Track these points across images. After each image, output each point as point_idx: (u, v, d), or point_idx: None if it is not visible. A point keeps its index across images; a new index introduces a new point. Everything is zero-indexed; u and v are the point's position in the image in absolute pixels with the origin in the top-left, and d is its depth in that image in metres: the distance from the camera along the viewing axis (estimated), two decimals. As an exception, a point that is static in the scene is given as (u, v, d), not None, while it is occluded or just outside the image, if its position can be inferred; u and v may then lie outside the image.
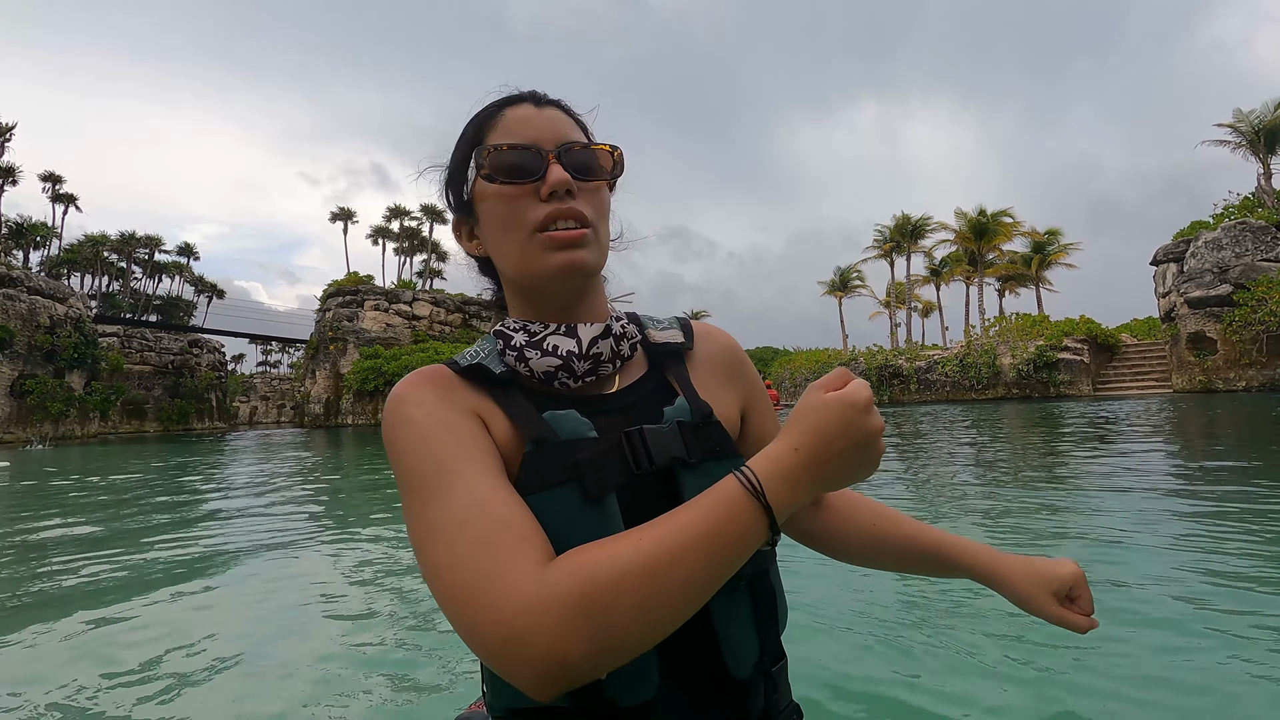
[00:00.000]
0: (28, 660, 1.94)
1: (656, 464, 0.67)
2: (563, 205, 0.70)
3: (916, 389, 30.00)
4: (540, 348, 0.73)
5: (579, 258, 0.71)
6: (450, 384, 0.71)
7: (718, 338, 0.88)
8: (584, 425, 0.69)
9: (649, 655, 0.62)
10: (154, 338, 36.94)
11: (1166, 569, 2.35)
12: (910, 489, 4.58)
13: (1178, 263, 24.56)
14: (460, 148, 0.79)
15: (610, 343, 0.76)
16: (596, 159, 0.75)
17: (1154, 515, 3.18)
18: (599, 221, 0.74)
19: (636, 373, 0.79)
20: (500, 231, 0.73)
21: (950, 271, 42.52)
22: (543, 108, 0.76)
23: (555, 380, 0.73)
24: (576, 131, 0.77)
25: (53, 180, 37.99)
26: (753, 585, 0.71)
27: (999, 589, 0.78)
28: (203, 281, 47.34)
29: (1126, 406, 15.05)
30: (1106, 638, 1.77)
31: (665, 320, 0.88)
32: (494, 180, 0.72)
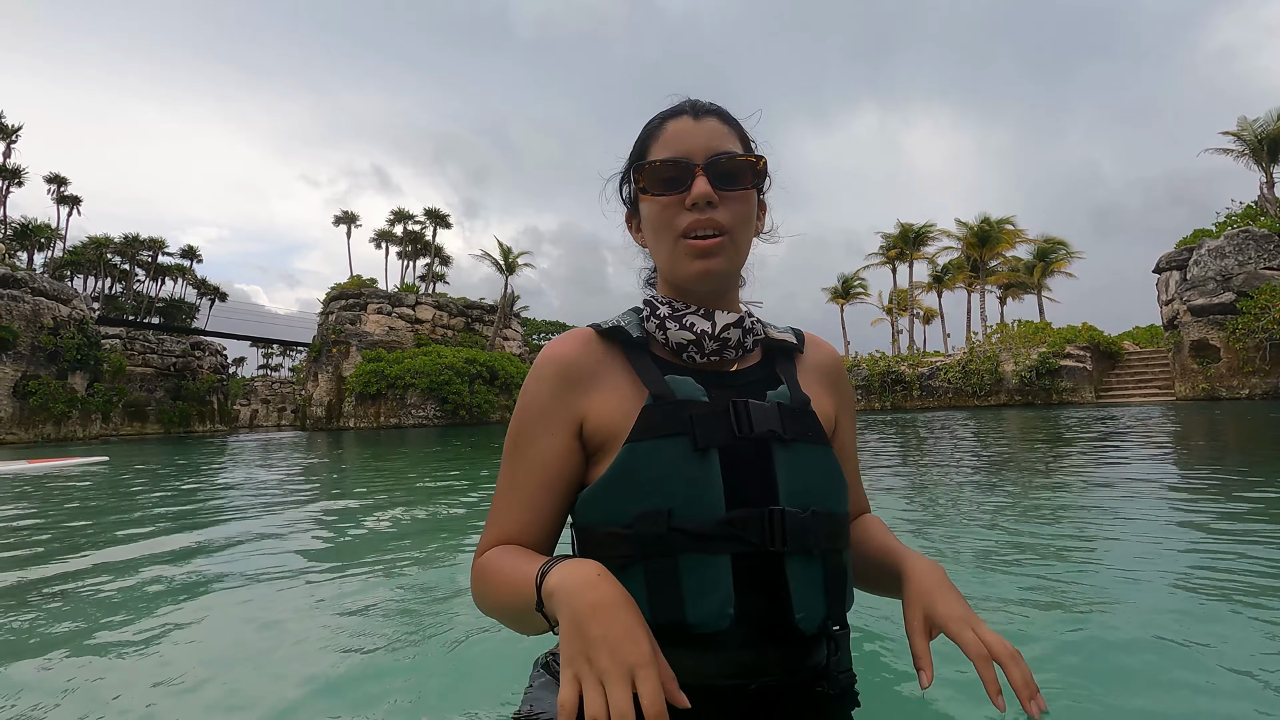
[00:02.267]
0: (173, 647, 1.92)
1: (756, 431, 0.78)
2: (703, 215, 0.81)
3: (919, 395, 29.96)
4: (680, 322, 0.86)
5: (713, 265, 0.82)
6: (584, 353, 0.86)
7: (825, 349, 0.99)
8: (698, 390, 0.81)
9: (728, 593, 0.74)
10: (156, 340, 36.98)
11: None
12: (911, 497, 4.56)
13: (1180, 270, 24.54)
14: (631, 156, 0.91)
15: (740, 332, 0.87)
16: (743, 169, 0.83)
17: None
18: (738, 228, 0.83)
19: (752, 360, 0.91)
20: (653, 233, 0.86)
21: (952, 279, 42.51)
22: (700, 119, 0.85)
23: (684, 353, 0.86)
24: (730, 140, 0.84)
25: (57, 182, 38.12)
26: (826, 557, 0.80)
27: (901, 584, 0.82)
28: (205, 284, 47.41)
29: (1135, 413, 15.00)
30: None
31: (783, 327, 0.99)
32: (647, 193, 0.84)
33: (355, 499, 5.46)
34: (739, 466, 0.78)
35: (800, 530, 0.76)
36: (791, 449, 0.80)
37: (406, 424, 31.27)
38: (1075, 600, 2.04)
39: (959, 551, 2.85)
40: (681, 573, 0.74)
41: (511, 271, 39.82)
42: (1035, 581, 2.21)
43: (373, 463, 9.66)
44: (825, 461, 0.82)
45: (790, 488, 0.78)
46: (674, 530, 0.74)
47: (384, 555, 3.10)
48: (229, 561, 3.11)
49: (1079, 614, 1.91)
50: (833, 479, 0.82)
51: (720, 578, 0.74)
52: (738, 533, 0.74)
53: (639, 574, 0.75)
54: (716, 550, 0.74)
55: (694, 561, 0.74)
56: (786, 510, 0.76)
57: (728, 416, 0.78)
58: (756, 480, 0.78)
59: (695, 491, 0.75)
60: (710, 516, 0.74)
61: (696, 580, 0.74)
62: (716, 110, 0.87)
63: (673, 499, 0.74)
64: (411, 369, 32.16)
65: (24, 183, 33.17)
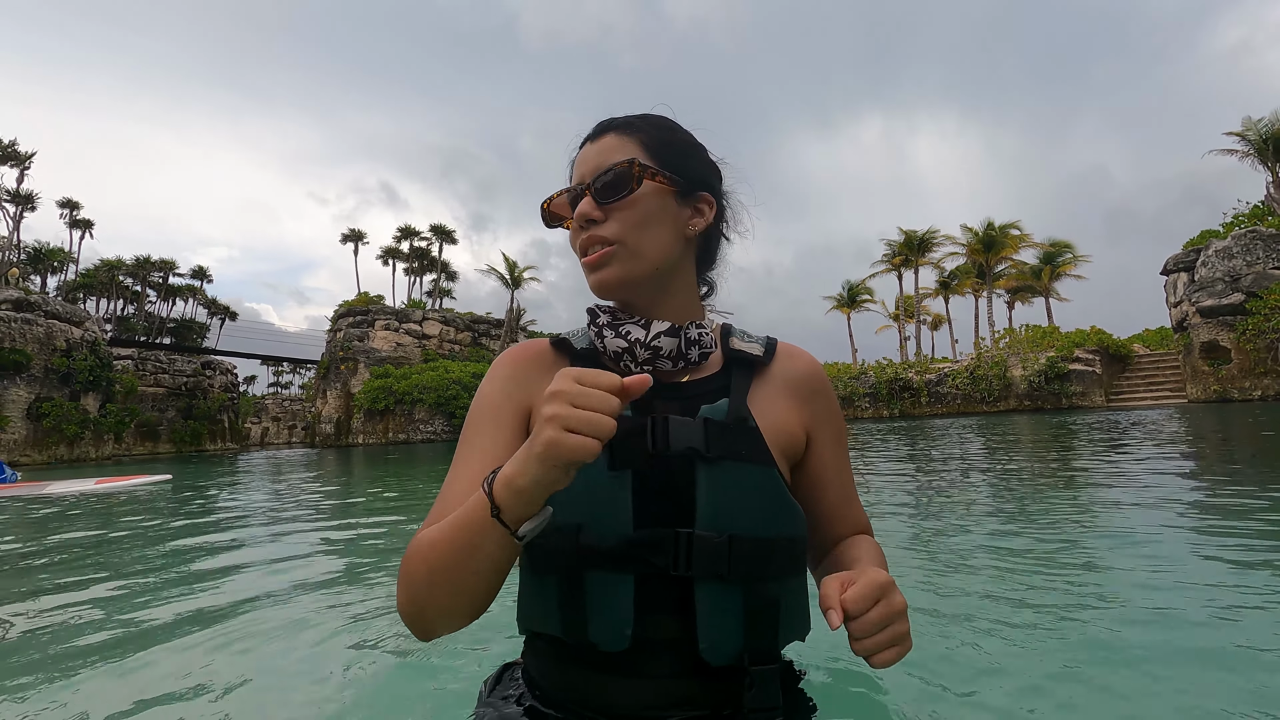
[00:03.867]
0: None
1: (673, 449, 0.74)
2: (585, 234, 0.83)
3: (927, 402, 29.83)
4: (616, 330, 0.85)
5: (603, 276, 0.83)
6: (534, 358, 0.88)
7: (799, 361, 0.92)
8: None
9: (627, 614, 0.72)
10: (168, 360, 37.31)
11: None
12: (916, 506, 4.56)
13: (1188, 272, 24.41)
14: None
15: (677, 342, 0.84)
16: (623, 176, 0.82)
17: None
18: (630, 235, 0.82)
19: (709, 371, 0.88)
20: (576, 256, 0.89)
21: (960, 284, 42.41)
22: (596, 140, 0.86)
23: (620, 361, 0.85)
24: (620, 151, 0.83)
25: (70, 206, 38.71)
26: (749, 585, 0.75)
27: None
28: (215, 304, 47.88)
29: (1149, 416, 14.87)
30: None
31: (758, 337, 0.94)
32: (552, 226, 0.89)
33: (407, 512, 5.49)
34: (656, 485, 0.75)
35: (712, 555, 0.72)
36: (717, 468, 0.75)
37: (415, 439, 31.37)
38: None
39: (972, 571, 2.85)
40: (587, 589, 0.73)
41: (517, 286, 40.03)
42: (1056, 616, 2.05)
43: (417, 477, 9.71)
44: (757, 482, 0.77)
45: (708, 510, 0.74)
46: (582, 546, 0.73)
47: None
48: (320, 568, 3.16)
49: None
50: (765, 501, 0.77)
51: (622, 598, 0.72)
52: (642, 554, 0.72)
53: (552, 586, 0.75)
54: (621, 569, 0.72)
55: (599, 579, 0.73)
56: (696, 534, 0.73)
57: (644, 432, 0.74)
58: (673, 502, 0.75)
59: (604, 509, 0.73)
60: (617, 535, 0.73)
61: (599, 599, 0.73)
62: (620, 124, 0.86)
63: (584, 514, 0.73)
64: (419, 384, 32.30)
65: (37, 207, 33.71)
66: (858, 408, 31.39)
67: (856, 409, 31.41)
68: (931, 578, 2.49)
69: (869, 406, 31.13)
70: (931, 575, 2.52)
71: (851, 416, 31.01)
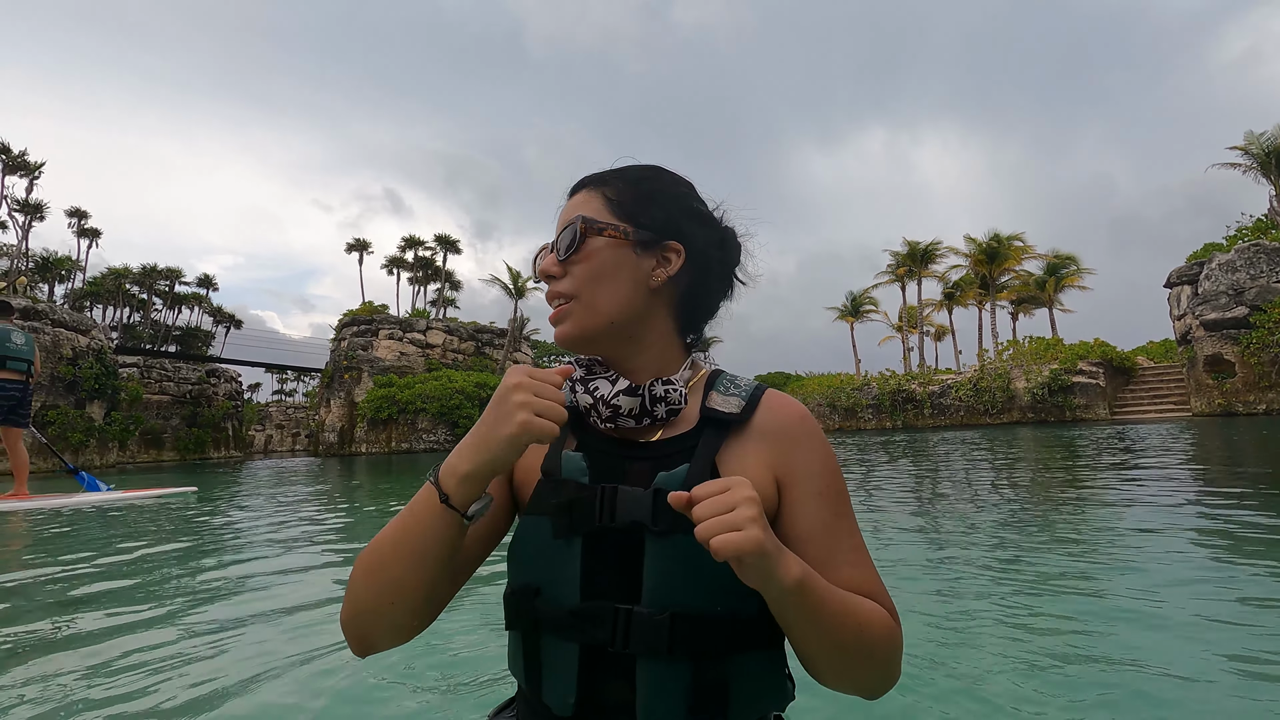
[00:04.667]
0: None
1: (618, 521, 0.74)
2: (549, 290, 0.85)
3: (930, 413, 29.76)
4: (585, 385, 0.84)
5: (560, 331, 0.85)
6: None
7: (783, 412, 0.84)
8: (580, 470, 0.79)
9: (570, 683, 0.73)
10: (173, 368, 37.45)
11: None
12: (922, 517, 4.56)
13: (1192, 285, 24.36)
14: None
15: (639, 402, 0.81)
16: (570, 236, 0.83)
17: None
18: (585, 289, 0.83)
19: (684, 428, 0.83)
20: None
21: (963, 295, 42.38)
22: (571, 197, 0.89)
23: (590, 416, 0.84)
24: (585, 207, 0.85)
25: (78, 215, 38.96)
26: (697, 664, 0.71)
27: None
28: (221, 312, 48.06)
29: (1154, 430, 14.81)
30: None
31: (742, 386, 0.86)
32: (538, 282, 0.89)
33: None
34: (607, 557, 0.75)
35: (651, 633, 0.70)
36: (665, 543, 0.73)
37: (418, 449, 31.38)
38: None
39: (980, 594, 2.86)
40: (541, 651, 0.75)
41: (521, 295, 40.12)
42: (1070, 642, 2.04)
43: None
44: (709, 556, 0.67)
45: (652, 585, 0.72)
46: (538, 609, 0.75)
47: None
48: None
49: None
50: (715, 575, 0.70)
51: (568, 665, 0.73)
52: (584, 626, 0.73)
53: (517, 640, 0.78)
54: (566, 638, 0.74)
55: (551, 643, 0.75)
56: (635, 611, 0.71)
57: (593, 502, 0.75)
58: (623, 575, 0.74)
59: (556, 576, 0.75)
60: (565, 604, 0.74)
61: (550, 662, 0.75)
62: (591, 181, 0.88)
63: (541, 578, 0.76)
64: (422, 394, 32.35)
65: (46, 217, 33.97)
66: (860, 419, 31.33)
67: (859, 420, 31.34)
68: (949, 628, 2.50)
69: (872, 418, 31.06)
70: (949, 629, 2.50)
71: (854, 428, 30.95)
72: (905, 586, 2.67)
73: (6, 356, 7.31)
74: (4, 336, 7.36)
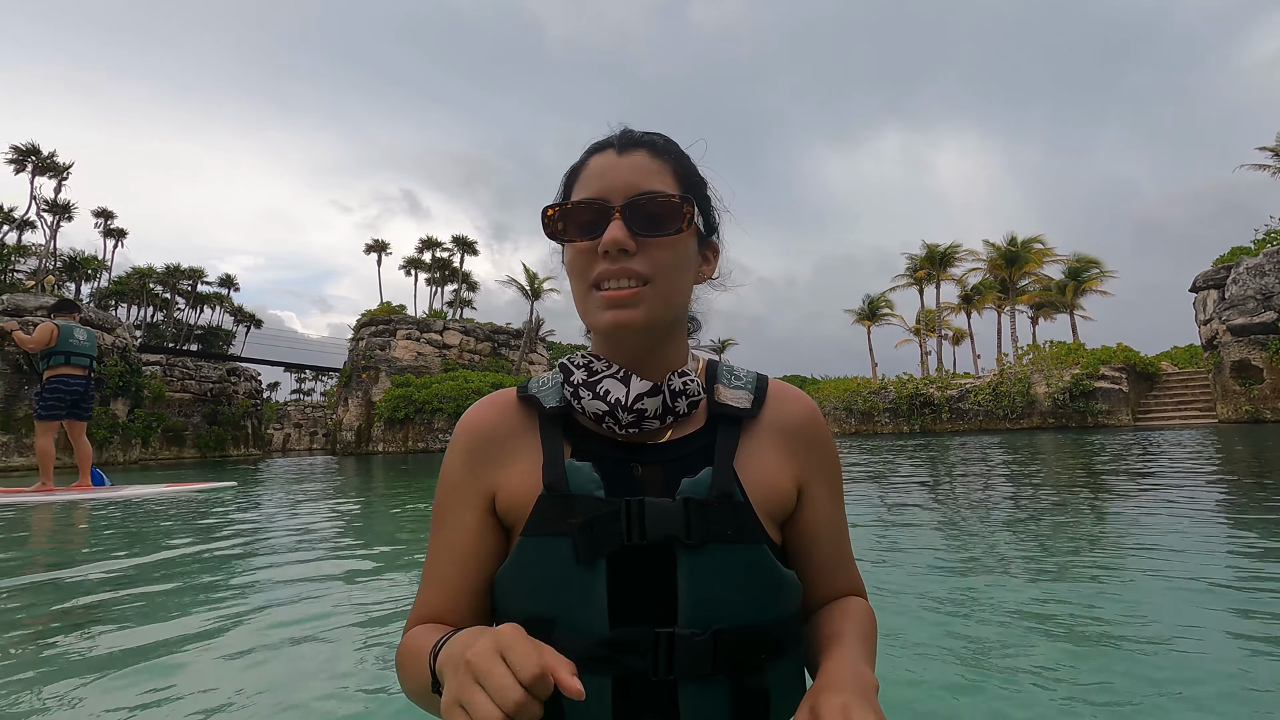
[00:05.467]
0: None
1: (649, 538, 0.67)
2: (614, 266, 0.72)
3: (948, 418, 29.44)
4: (594, 390, 0.76)
5: (626, 317, 0.72)
6: (496, 423, 0.79)
7: (794, 406, 0.82)
8: (593, 483, 0.70)
9: (602, 719, 0.66)
10: (194, 366, 37.98)
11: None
12: (943, 524, 4.50)
13: (1218, 289, 23.90)
14: (558, 193, 0.82)
15: (660, 400, 0.75)
16: (669, 211, 0.73)
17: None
18: (663, 276, 0.73)
19: (694, 426, 0.78)
20: (571, 280, 0.78)
21: (982, 299, 41.92)
22: (625, 153, 0.76)
23: (603, 423, 0.76)
24: (659, 177, 0.75)
25: (104, 216, 39.76)
26: (736, 680, 0.68)
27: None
28: (241, 312, 48.76)
29: (1183, 436, 14.53)
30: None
31: (744, 377, 0.84)
32: (559, 239, 0.77)
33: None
34: (635, 577, 0.68)
35: (695, 656, 0.65)
36: (700, 555, 0.67)
37: (434, 448, 31.58)
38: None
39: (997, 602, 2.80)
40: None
41: (537, 296, 40.27)
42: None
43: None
44: (746, 564, 0.69)
45: (691, 603, 0.66)
46: (556, 643, 0.63)
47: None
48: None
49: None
50: (755, 584, 0.69)
51: (598, 704, 0.65)
52: (619, 656, 0.65)
53: None
54: (596, 672, 0.65)
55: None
56: (678, 634, 0.65)
57: (619, 519, 0.67)
58: (653, 594, 0.67)
59: (577, 604, 0.66)
60: (592, 634, 0.66)
61: (575, 702, 0.64)
62: (648, 142, 0.78)
63: (555, 608, 0.67)
64: (439, 394, 32.56)
65: (73, 217, 34.64)
66: (878, 423, 31.06)
67: (876, 424, 31.08)
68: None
69: (889, 422, 30.80)
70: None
71: (871, 432, 30.70)
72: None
73: (71, 353, 7.58)
74: (68, 333, 7.62)
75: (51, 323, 7.57)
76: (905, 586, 2.72)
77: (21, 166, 31.82)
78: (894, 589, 2.68)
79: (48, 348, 7.49)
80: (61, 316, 7.81)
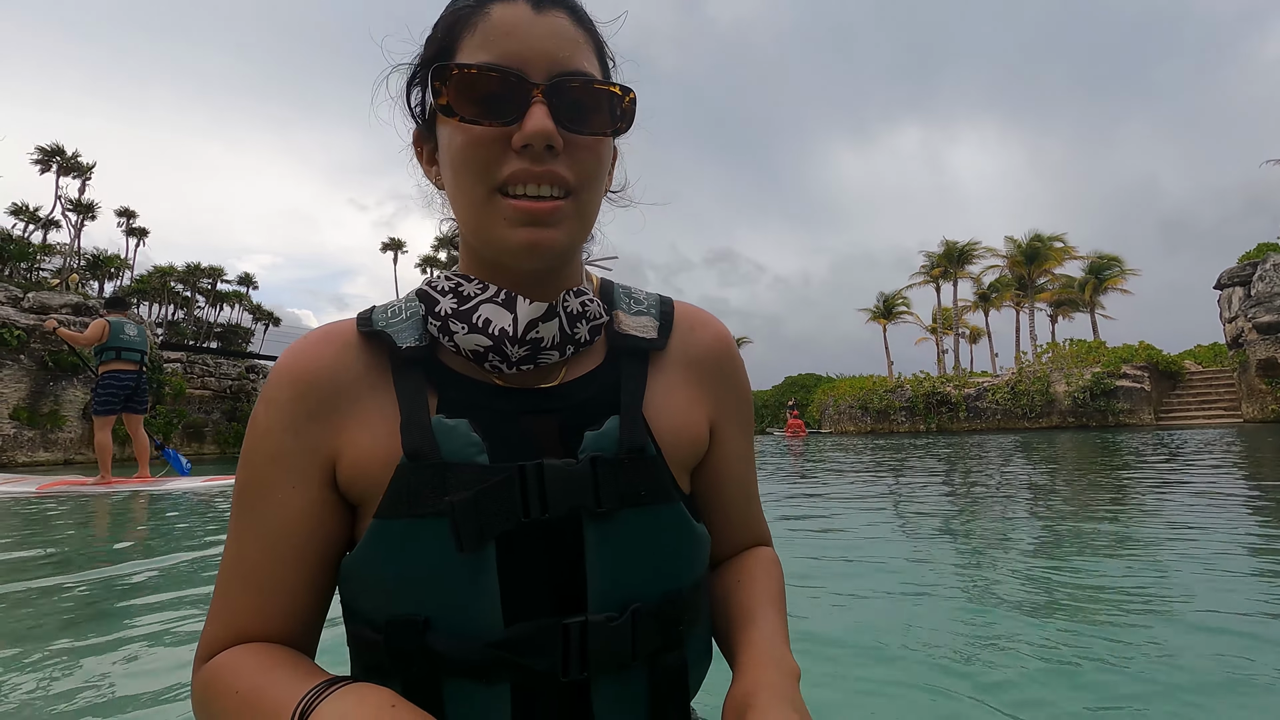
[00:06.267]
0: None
1: (551, 513, 0.54)
2: (537, 167, 0.54)
3: (965, 417, 29.15)
4: (469, 320, 0.59)
5: (546, 238, 0.56)
6: (334, 362, 0.60)
7: (703, 332, 0.70)
8: (472, 446, 0.55)
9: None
10: (214, 364, 38.42)
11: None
12: (952, 525, 4.44)
13: (1244, 286, 23.46)
14: (428, 46, 0.61)
15: (557, 325, 0.60)
16: (600, 103, 0.57)
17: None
18: (585, 187, 0.58)
19: (591, 363, 0.64)
20: (456, 177, 0.57)
21: (999, 297, 41.48)
22: (543, 11, 0.56)
23: (485, 362, 0.60)
24: (583, 53, 0.58)
25: (127, 215, 40.41)
26: (653, 663, 0.58)
27: (733, 674, 0.60)
28: (260, 310, 49.37)
29: (1212, 436, 14.27)
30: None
31: (645, 300, 0.70)
32: (452, 115, 0.55)
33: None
34: (531, 558, 0.55)
35: (611, 644, 0.55)
36: (611, 524, 0.56)
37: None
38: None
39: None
40: (446, 704, 0.53)
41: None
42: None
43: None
44: (662, 526, 0.58)
45: (605, 583, 0.56)
46: (431, 650, 0.53)
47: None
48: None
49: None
50: (671, 549, 0.59)
51: (496, 713, 0.54)
52: (517, 659, 0.53)
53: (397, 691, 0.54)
54: (489, 680, 0.53)
55: (462, 692, 0.53)
56: (590, 621, 0.54)
57: (512, 490, 0.54)
58: (554, 576, 0.56)
59: (460, 600, 0.53)
60: (482, 635, 0.53)
61: (464, 715, 0.53)
62: (580, 14, 0.60)
63: (430, 606, 0.53)
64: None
65: (96, 216, 35.25)
66: (893, 421, 30.83)
67: (892, 423, 30.84)
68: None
69: (905, 420, 30.55)
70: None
71: (887, 430, 30.48)
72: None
73: (121, 348, 7.78)
74: (118, 329, 7.82)
75: (104, 319, 7.80)
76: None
77: (47, 166, 32.42)
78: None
79: (100, 344, 7.72)
80: (113, 313, 8.05)
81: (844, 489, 6.18)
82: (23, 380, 19.98)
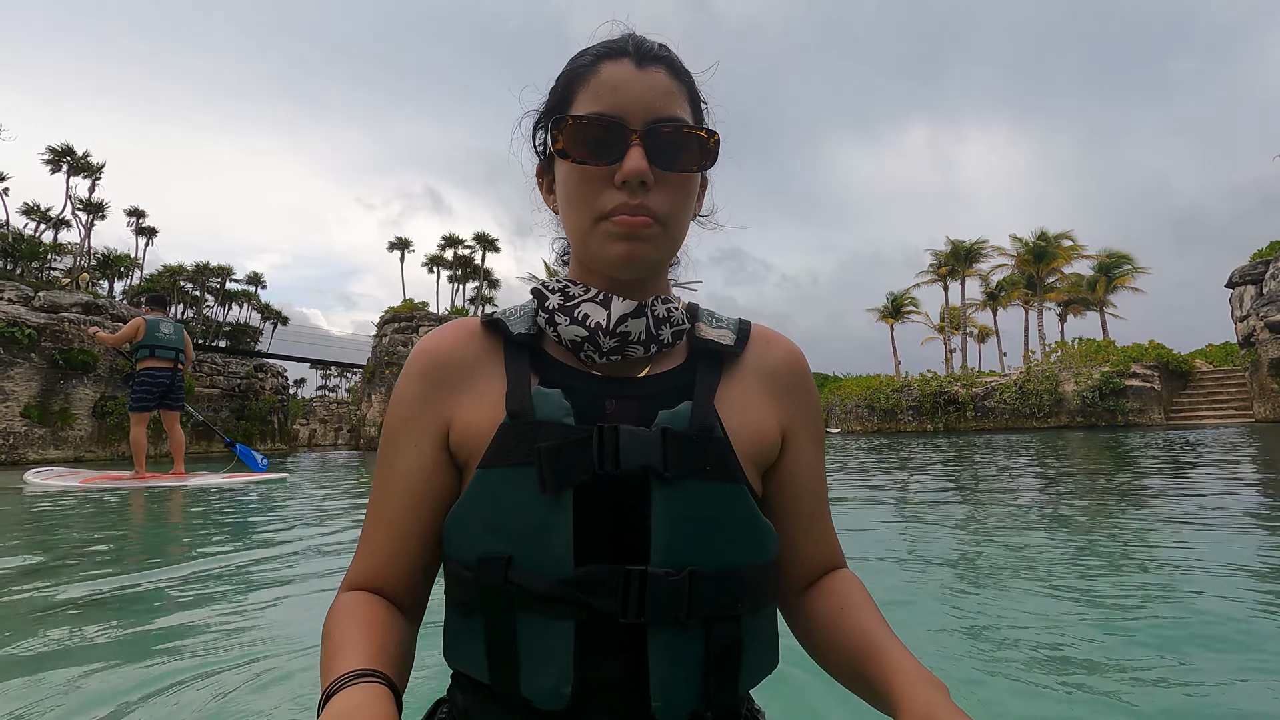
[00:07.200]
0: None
1: (623, 467, 0.62)
2: (633, 200, 0.64)
3: (973, 416, 29.00)
4: (571, 314, 0.70)
5: (640, 251, 0.66)
6: (459, 349, 0.72)
7: (778, 349, 0.78)
8: (562, 409, 0.65)
9: (565, 669, 0.60)
10: (223, 362, 38.66)
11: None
12: (962, 526, 4.42)
13: (1256, 285, 23.25)
14: (551, 97, 0.73)
15: (645, 323, 0.70)
16: (689, 144, 0.67)
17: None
18: (674, 216, 0.68)
19: (673, 363, 0.74)
20: (568, 206, 0.69)
21: (1007, 296, 41.25)
22: (644, 67, 0.67)
23: (581, 351, 0.70)
24: (677, 102, 0.68)
25: (137, 215, 40.71)
26: (711, 628, 0.63)
27: (891, 707, 0.61)
28: (268, 309, 49.65)
29: (1225, 436, 14.13)
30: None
31: (729, 321, 0.79)
32: (567, 157, 0.66)
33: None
34: (604, 510, 0.63)
35: (668, 597, 0.60)
36: (676, 489, 0.62)
37: (456, 444, 31.90)
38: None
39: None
40: (519, 635, 0.61)
41: (558, 293, 40.52)
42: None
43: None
44: (724, 503, 0.65)
45: (665, 540, 0.62)
46: (511, 583, 0.61)
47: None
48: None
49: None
50: (733, 525, 0.65)
51: (559, 648, 0.60)
52: (584, 597, 0.60)
53: (479, 629, 0.63)
54: (557, 615, 0.60)
55: (533, 623, 0.61)
56: (650, 572, 0.61)
57: (589, 447, 0.62)
58: (624, 530, 0.63)
59: (539, 539, 0.61)
60: (554, 572, 0.60)
61: (532, 647, 0.61)
62: (665, 58, 0.69)
63: (514, 544, 0.62)
64: (461, 390, 32.86)
65: (106, 215, 35.51)
66: (901, 420, 30.71)
67: (899, 422, 30.73)
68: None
69: (912, 420, 30.42)
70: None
71: (894, 429, 30.36)
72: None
73: (155, 345, 7.95)
74: (153, 327, 7.97)
75: (140, 318, 7.95)
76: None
77: (57, 167, 32.68)
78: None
79: (135, 342, 7.84)
80: (151, 311, 8.20)
81: (848, 486, 6.16)
82: (33, 378, 20.15)
